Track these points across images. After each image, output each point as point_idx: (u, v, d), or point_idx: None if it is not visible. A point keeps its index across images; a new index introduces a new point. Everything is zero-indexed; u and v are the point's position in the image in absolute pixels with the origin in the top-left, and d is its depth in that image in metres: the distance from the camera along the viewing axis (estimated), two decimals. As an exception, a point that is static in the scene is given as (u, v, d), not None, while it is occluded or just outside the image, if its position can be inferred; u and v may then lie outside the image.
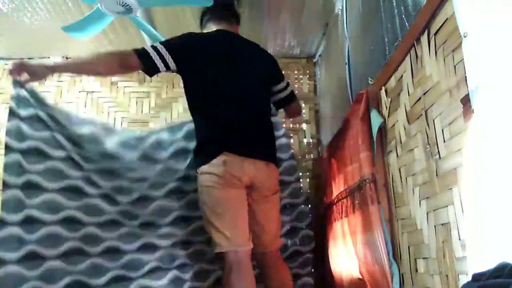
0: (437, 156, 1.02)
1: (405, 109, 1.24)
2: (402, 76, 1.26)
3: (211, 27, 1.85)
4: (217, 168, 1.59)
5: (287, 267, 1.81)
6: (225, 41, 1.79)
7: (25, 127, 1.59)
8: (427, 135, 1.08)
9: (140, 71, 1.69)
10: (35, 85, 2.80)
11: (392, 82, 1.35)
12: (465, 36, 0.87)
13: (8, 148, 1.52)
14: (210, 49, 1.73)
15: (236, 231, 1.58)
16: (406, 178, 1.23)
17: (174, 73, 1.67)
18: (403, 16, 1.27)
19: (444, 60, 0.99)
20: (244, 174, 1.62)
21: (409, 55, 1.21)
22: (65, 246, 1.62)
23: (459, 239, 0.91)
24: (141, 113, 2.83)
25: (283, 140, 2.16)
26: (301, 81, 2.87)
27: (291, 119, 2.50)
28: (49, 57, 2.85)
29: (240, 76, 1.74)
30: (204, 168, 1.63)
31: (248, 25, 2.46)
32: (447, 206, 0.97)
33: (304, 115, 2.73)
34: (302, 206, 2.20)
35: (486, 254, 0.79)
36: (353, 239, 1.61)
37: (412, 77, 1.19)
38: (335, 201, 1.95)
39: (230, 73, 1.72)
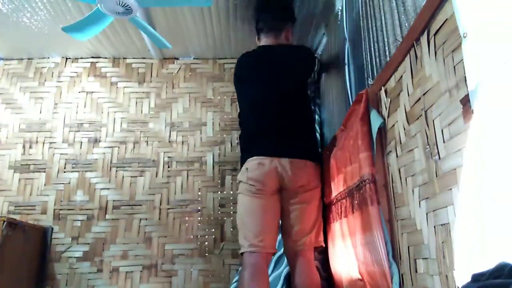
0: (437, 156, 1.02)
1: (405, 110, 1.24)
2: (401, 76, 1.26)
3: (260, 41, 2.07)
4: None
5: (316, 272, 1.84)
6: (261, 56, 2.00)
7: None
8: (427, 135, 1.08)
9: (139, 72, 1.77)
10: (35, 86, 2.81)
11: (392, 82, 1.35)
12: (464, 37, 0.87)
13: None
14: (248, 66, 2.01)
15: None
16: (406, 179, 1.23)
17: (174, 74, 1.72)
18: (403, 16, 1.26)
19: (444, 60, 0.99)
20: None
21: (408, 55, 1.21)
22: None
23: (459, 240, 0.91)
24: (141, 113, 2.83)
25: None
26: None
27: None
28: (49, 57, 2.86)
29: (267, 84, 1.91)
30: None
31: (248, 25, 2.46)
32: (446, 206, 0.97)
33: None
34: None
35: (486, 254, 0.79)
36: (352, 240, 1.61)
37: (412, 77, 1.19)
38: (335, 201, 1.95)
39: (258, 83, 1.92)
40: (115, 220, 2.60)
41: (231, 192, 2.69)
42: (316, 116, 2.43)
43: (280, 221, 1.86)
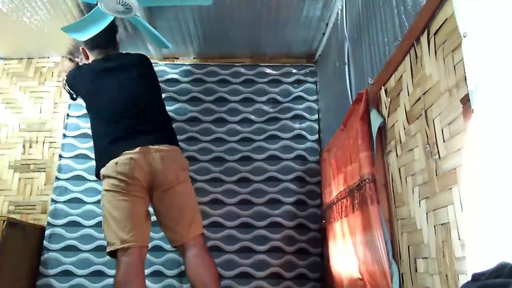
0: (437, 156, 1.02)
1: (405, 109, 1.24)
2: (402, 76, 1.26)
3: (91, 56, 2.21)
4: None
5: (212, 261, 1.88)
6: (111, 63, 2.12)
7: None
8: (427, 135, 1.08)
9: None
10: (35, 85, 2.79)
11: (392, 82, 1.35)
12: (464, 36, 0.87)
13: None
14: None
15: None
16: (406, 178, 1.23)
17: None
18: (403, 16, 1.27)
19: (444, 60, 0.99)
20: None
21: (408, 55, 1.21)
22: None
23: (459, 239, 0.91)
24: (141, 113, 2.82)
25: (314, 145, 2.53)
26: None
27: None
28: (48, 57, 2.86)
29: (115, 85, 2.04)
30: None
31: (248, 25, 2.46)
32: (446, 206, 0.97)
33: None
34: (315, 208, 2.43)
35: (486, 254, 0.79)
36: (352, 239, 1.61)
37: (412, 77, 1.19)
38: (335, 201, 1.95)
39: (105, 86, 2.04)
40: (115, 220, 2.60)
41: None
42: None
43: (158, 219, 1.94)
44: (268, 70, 2.74)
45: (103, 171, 1.88)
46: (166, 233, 1.93)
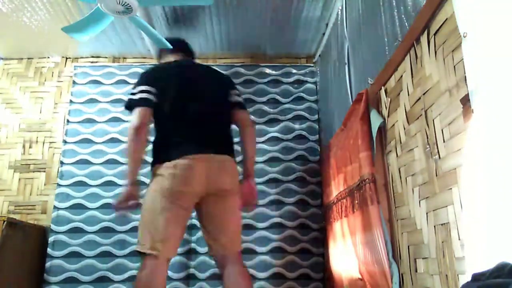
0: (437, 156, 1.02)
1: (405, 109, 1.24)
2: (402, 76, 1.26)
3: (169, 58, 2.10)
4: None
5: (248, 275, 1.83)
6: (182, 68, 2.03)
7: None
8: (427, 135, 1.08)
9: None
10: (35, 85, 2.79)
11: (392, 82, 1.35)
12: (464, 36, 0.87)
13: None
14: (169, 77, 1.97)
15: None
16: (406, 178, 1.23)
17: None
18: (403, 16, 1.27)
19: (444, 60, 0.99)
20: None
21: (409, 55, 1.21)
22: None
23: (459, 239, 0.91)
24: (141, 113, 2.82)
25: (314, 145, 2.55)
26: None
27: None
28: (48, 57, 2.86)
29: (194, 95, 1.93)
30: None
31: (248, 25, 2.46)
32: (446, 206, 0.97)
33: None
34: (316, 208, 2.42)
35: (486, 254, 0.79)
36: (352, 239, 1.61)
37: (412, 77, 1.19)
38: (335, 201, 1.95)
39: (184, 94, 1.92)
40: (115, 220, 2.60)
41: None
42: None
43: (203, 225, 1.90)
44: (268, 70, 2.74)
45: (159, 169, 1.81)
46: (208, 240, 1.88)
